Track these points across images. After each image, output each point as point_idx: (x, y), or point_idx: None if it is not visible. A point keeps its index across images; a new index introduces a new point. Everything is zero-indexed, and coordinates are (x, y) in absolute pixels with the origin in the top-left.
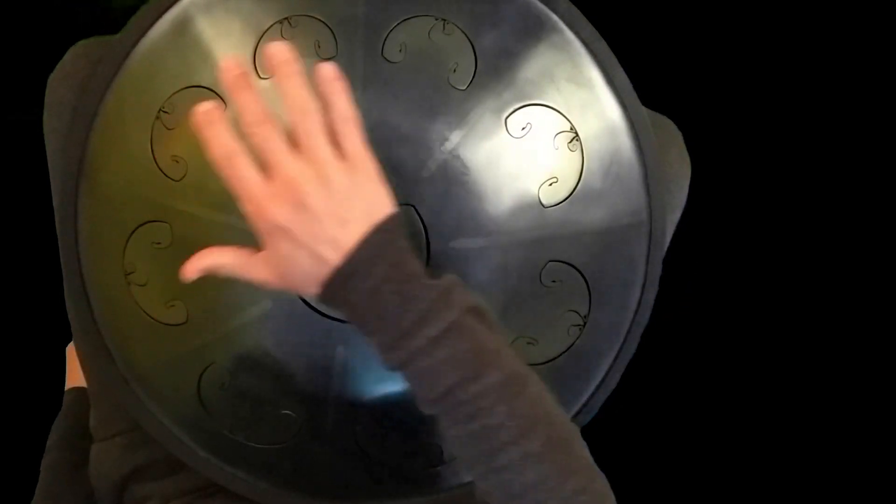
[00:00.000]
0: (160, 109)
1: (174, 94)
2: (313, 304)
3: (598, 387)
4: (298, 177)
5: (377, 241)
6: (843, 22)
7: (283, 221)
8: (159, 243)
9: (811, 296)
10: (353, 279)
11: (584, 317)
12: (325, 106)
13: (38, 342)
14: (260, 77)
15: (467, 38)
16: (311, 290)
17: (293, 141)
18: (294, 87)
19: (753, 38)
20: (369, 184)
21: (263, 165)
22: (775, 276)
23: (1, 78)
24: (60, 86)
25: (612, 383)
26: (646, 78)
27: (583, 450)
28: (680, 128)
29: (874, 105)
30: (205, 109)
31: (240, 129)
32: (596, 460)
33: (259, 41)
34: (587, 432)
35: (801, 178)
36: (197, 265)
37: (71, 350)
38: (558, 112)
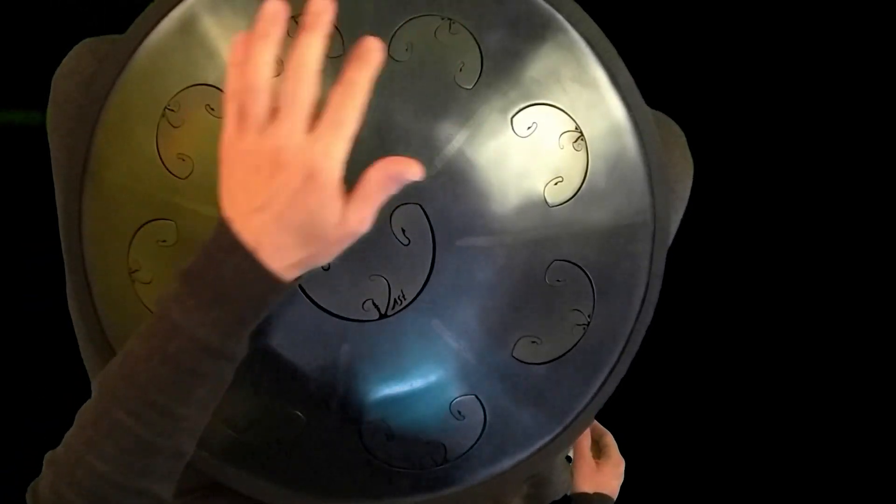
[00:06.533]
0: (166, 107)
1: (180, 92)
2: (318, 302)
3: (601, 386)
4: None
5: None
6: (843, 22)
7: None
8: (164, 241)
9: (811, 295)
10: None
11: (589, 316)
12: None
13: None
14: None
15: (473, 37)
16: None
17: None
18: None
19: (755, 39)
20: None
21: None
22: (776, 275)
23: (5, 75)
24: (66, 83)
25: (616, 382)
26: (649, 78)
27: None
28: (682, 128)
29: (874, 105)
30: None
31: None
32: None
33: None
34: None
35: (802, 178)
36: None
37: None
38: (564, 112)
